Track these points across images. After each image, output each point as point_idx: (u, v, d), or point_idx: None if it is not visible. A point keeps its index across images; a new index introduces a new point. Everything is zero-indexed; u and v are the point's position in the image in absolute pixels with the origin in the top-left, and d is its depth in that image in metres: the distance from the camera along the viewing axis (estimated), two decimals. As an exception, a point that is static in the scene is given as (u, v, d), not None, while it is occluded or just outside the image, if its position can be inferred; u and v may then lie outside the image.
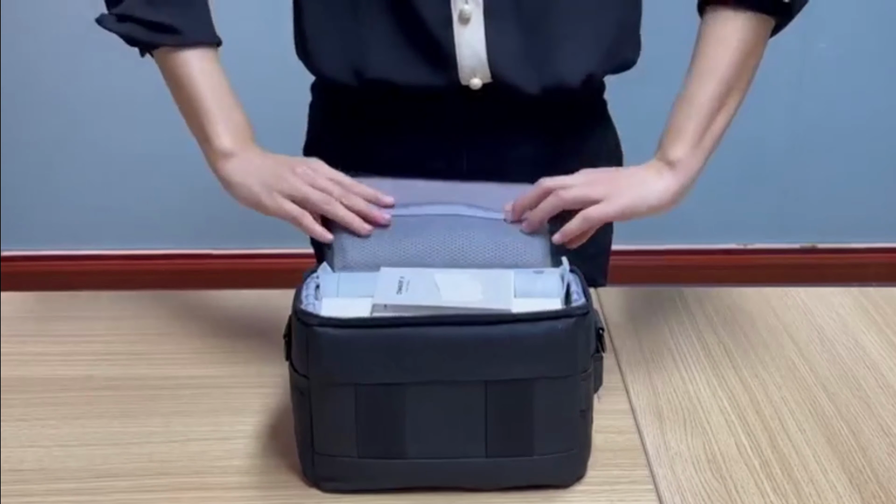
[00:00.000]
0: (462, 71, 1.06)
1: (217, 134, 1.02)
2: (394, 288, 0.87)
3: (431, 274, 0.89)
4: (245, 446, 0.93)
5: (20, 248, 2.62)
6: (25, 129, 2.50)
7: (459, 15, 1.04)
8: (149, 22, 1.03)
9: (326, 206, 0.96)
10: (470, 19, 1.04)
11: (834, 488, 0.87)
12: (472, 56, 1.05)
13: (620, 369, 1.05)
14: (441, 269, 0.90)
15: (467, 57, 1.05)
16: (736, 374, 1.04)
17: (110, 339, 1.12)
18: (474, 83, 1.07)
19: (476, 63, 1.06)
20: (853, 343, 1.11)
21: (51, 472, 0.90)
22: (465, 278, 0.88)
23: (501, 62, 1.06)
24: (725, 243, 2.67)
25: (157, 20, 1.02)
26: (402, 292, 0.86)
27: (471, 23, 1.04)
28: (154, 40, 1.04)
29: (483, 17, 1.04)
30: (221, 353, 1.09)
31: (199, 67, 1.03)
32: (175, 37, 1.02)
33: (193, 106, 1.03)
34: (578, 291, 0.87)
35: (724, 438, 0.94)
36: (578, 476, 0.87)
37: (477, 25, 1.04)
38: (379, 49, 1.06)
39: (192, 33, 1.03)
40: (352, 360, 0.80)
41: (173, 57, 1.03)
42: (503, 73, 1.06)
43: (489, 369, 0.80)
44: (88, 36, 2.40)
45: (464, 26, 1.04)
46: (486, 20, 1.04)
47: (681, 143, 0.99)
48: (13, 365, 1.07)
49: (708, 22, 1.01)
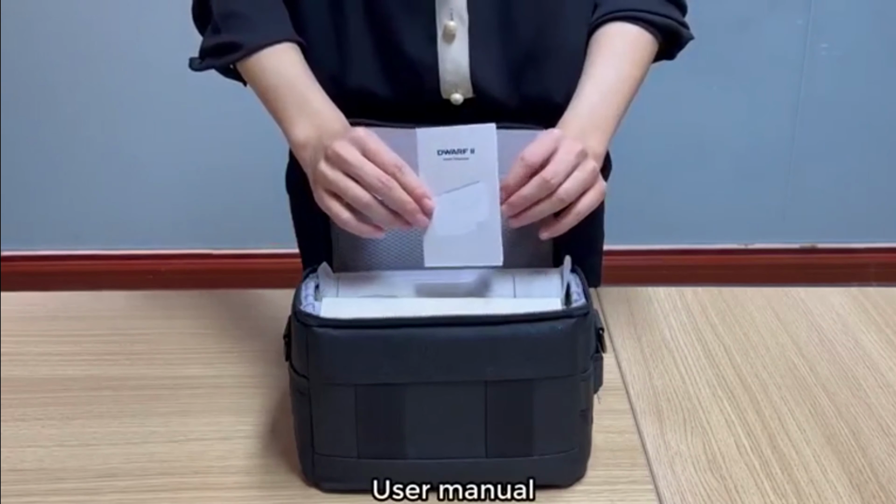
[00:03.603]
0: (444, 86, 1.06)
1: (288, 128, 1.00)
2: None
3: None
4: (245, 446, 0.93)
5: (20, 248, 2.62)
6: (25, 129, 2.50)
7: (444, 31, 1.03)
8: (215, 47, 1.03)
9: (366, 211, 0.88)
10: (455, 36, 1.03)
11: (834, 488, 0.87)
12: (455, 72, 1.05)
13: (620, 369, 1.05)
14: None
15: (450, 72, 1.05)
16: (736, 374, 1.04)
17: (110, 339, 1.12)
18: (455, 98, 1.07)
19: (458, 79, 1.05)
20: (853, 343, 1.11)
21: (51, 472, 0.90)
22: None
23: (484, 78, 1.05)
24: (725, 243, 2.67)
25: (222, 42, 1.03)
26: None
27: (455, 39, 1.04)
28: (225, 62, 1.04)
29: (468, 33, 1.04)
30: (221, 353, 1.09)
31: (264, 67, 1.01)
32: (238, 52, 1.02)
33: (268, 107, 1.02)
34: (578, 291, 0.87)
35: (724, 438, 0.94)
36: (578, 476, 0.87)
37: (461, 42, 1.04)
38: (361, 61, 1.06)
39: (251, 42, 1.02)
40: (352, 360, 0.80)
41: (244, 69, 1.03)
42: (485, 88, 1.06)
43: (489, 369, 0.81)
44: (89, 36, 2.42)
45: (448, 43, 1.04)
46: (471, 37, 1.04)
47: (601, 135, 0.98)
48: (13, 365, 1.07)
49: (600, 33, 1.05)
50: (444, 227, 0.89)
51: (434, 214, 0.88)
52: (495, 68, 1.05)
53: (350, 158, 0.86)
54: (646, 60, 1.05)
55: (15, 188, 2.56)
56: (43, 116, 2.49)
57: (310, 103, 0.99)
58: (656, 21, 1.04)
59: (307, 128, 0.97)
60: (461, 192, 0.88)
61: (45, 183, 2.57)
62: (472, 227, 0.88)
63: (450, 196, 0.88)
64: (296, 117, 0.98)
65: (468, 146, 0.87)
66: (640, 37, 1.04)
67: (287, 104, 0.99)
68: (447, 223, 0.89)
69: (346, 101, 1.06)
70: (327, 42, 1.07)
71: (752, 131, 2.54)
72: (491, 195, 0.88)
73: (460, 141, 0.88)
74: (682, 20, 1.08)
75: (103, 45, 2.42)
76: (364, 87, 1.07)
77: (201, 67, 1.06)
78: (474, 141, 0.87)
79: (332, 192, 0.89)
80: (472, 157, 0.88)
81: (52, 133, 2.51)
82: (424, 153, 0.88)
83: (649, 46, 1.05)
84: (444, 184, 0.88)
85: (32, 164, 2.54)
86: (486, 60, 1.05)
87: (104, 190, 2.57)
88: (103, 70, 2.44)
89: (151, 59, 2.41)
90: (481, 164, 0.88)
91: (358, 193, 0.87)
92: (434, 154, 0.88)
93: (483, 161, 0.87)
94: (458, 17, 1.03)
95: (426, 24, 1.03)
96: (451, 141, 0.88)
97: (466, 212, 0.88)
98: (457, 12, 1.03)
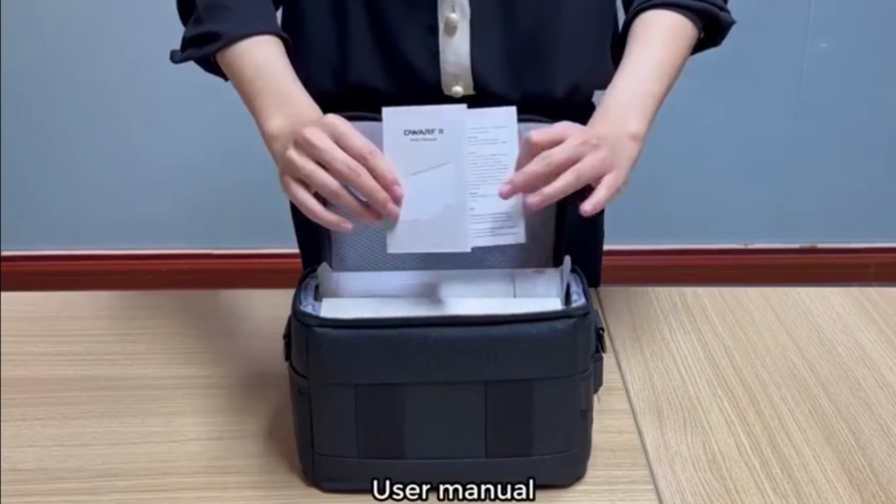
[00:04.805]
0: (445, 79, 1.06)
1: (261, 120, 0.96)
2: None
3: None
4: (245, 446, 0.93)
5: (20, 248, 2.62)
6: (25, 129, 2.50)
7: (445, 23, 1.03)
8: (196, 37, 1.02)
9: (333, 200, 0.86)
10: (456, 28, 1.03)
11: (834, 488, 0.87)
12: (456, 65, 1.05)
13: (620, 369, 1.05)
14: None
15: (451, 65, 1.05)
16: (736, 374, 1.04)
17: (110, 339, 1.12)
18: (456, 91, 1.07)
19: (459, 71, 1.05)
20: (853, 343, 1.11)
21: (51, 472, 0.90)
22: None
23: (485, 72, 1.05)
24: (725, 243, 2.67)
25: (203, 32, 1.01)
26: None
27: (457, 32, 1.04)
28: (205, 53, 1.01)
29: (469, 26, 1.04)
30: (221, 353, 1.09)
31: (242, 59, 0.99)
32: (217, 42, 1.00)
33: (244, 99, 0.99)
34: (578, 291, 0.87)
35: (724, 438, 0.94)
36: (578, 476, 0.87)
37: (463, 35, 1.04)
38: (362, 55, 1.06)
39: (232, 32, 0.99)
40: (352, 360, 0.80)
41: (223, 61, 1.01)
42: (486, 82, 1.06)
43: (489, 369, 0.80)
44: (89, 36, 2.42)
45: (449, 36, 1.04)
46: (472, 30, 1.04)
47: (641, 118, 0.95)
48: (13, 365, 1.07)
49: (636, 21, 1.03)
50: (410, 212, 0.85)
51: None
52: (496, 61, 1.05)
53: (319, 143, 0.83)
54: (684, 47, 1.02)
55: (15, 188, 2.56)
56: (43, 116, 2.49)
57: (284, 95, 0.95)
58: (693, 6, 1.02)
59: (280, 120, 0.93)
60: (428, 174, 0.84)
61: (45, 183, 2.57)
62: (439, 212, 0.85)
63: (416, 179, 0.84)
64: (269, 109, 0.94)
65: (436, 126, 0.84)
66: (678, 23, 1.02)
67: (262, 96, 0.95)
68: (413, 207, 0.84)
69: (347, 95, 1.06)
70: (328, 36, 1.07)
71: (752, 131, 2.54)
72: (459, 178, 0.84)
73: (428, 121, 0.84)
74: (720, 4, 1.05)
75: (103, 45, 2.42)
76: (365, 82, 1.07)
77: (182, 59, 1.03)
78: (443, 122, 0.84)
79: (299, 179, 0.86)
80: (440, 137, 0.84)
81: (52, 133, 2.51)
82: (390, 132, 0.84)
83: (688, 32, 1.02)
84: (411, 165, 0.84)
85: (32, 164, 2.54)
86: (488, 53, 1.05)
87: (104, 190, 2.57)
88: (103, 70, 2.44)
89: (152, 59, 2.39)
90: (450, 146, 0.84)
91: (326, 180, 0.83)
92: (400, 134, 0.84)
93: (452, 142, 0.84)
94: (460, 9, 1.03)
95: (427, 17, 1.03)
96: (419, 121, 0.84)
97: (433, 195, 0.84)
98: (458, 5, 1.03)
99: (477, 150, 0.86)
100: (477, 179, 0.86)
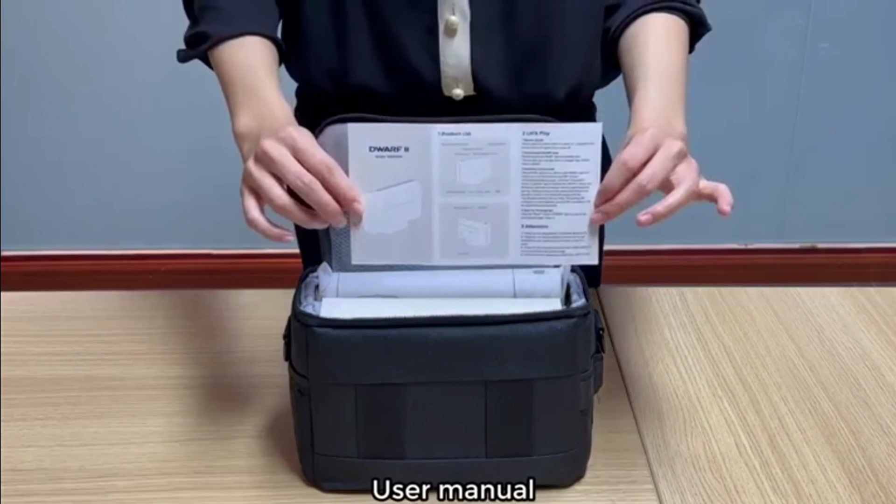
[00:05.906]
0: (445, 81, 1.06)
1: (232, 118, 0.97)
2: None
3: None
4: (245, 446, 0.93)
5: (20, 248, 2.62)
6: (25, 129, 2.50)
7: (445, 26, 1.03)
8: (191, 37, 1.03)
9: (281, 213, 0.86)
10: (456, 30, 1.03)
11: (834, 488, 0.87)
12: (456, 67, 1.05)
13: (620, 369, 1.05)
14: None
15: (451, 67, 1.05)
16: (736, 374, 1.04)
17: (110, 339, 1.12)
18: (456, 94, 1.07)
19: (459, 74, 1.05)
20: (853, 343, 1.11)
21: (51, 472, 0.90)
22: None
23: (485, 74, 1.05)
24: (725, 243, 2.67)
25: (196, 32, 1.02)
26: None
27: (457, 34, 1.04)
28: (197, 53, 1.02)
29: (469, 28, 1.04)
30: (221, 353, 1.09)
31: (224, 58, 0.99)
32: (206, 43, 1.01)
33: (225, 98, 0.99)
34: (578, 292, 0.87)
35: (724, 438, 0.94)
36: (578, 476, 0.87)
37: (463, 37, 1.04)
38: (362, 57, 1.06)
39: (220, 32, 1.00)
40: (352, 360, 0.80)
41: (212, 60, 1.01)
42: (486, 84, 1.06)
43: (489, 369, 0.81)
44: (89, 36, 2.42)
45: (449, 38, 1.04)
46: (473, 32, 1.04)
47: (681, 116, 0.96)
48: (13, 365, 1.07)
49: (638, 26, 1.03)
50: (374, 225, 0.86)
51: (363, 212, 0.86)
52: (497, 64, 1.05)
53: (276, 157, 0.83)
54: (687, 46, 1.04)
55: (15, 188, 2.56)
56: (43, 116, 2.49)
57: (257, 94, 0.94)
58: (688, 10, 1.04)
59: (249, 119, 0.93)
60: (393, 190, 0.85)
61: (45, 183, 2.57)
62: (403, 226, 0.86)
63: (381, 194, 0.85)
64: (240, 107, 0.94)
65: (402, 144, 0.84)
66: (678, 24, 1.03)
67: (236, 94, 0.96)
68: (377, 221, 0.86)
69: (347, 97, 1.06)
70: (328, 38, 1.07)
71: (752, 131, 2.54)
72: (425, 193, 0.85)
73: (394, 139, 0.84)
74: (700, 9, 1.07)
75: (103, 45, 2.42)
76: (364, 84, 1.07)
77: (184, 59, 1.05)
78: (409, 140, 0.84)
79: (253, 189, 0.86)
80: (405, 155, 0.85)
81: (52, 133, 2.51)
82: (355, 149, 0.85)
83: (686, 33, 1.04)
84: (376, 181, 0.85)
85: (32, 164, 2.54)
86: (488, 55, 1.05)
87: (104, 190, 2.57)
88: (103, 70, 2.44)
89: (152, 59, 2.40)
90: (416, 164, 0.85)
91: (276, 194, 0.84)
92: (365, 150, 0.85)
93: (418, 160, 0.85)
94: (460, 11, 1.03)
95: (427, 19, 1.03)
96: (385, 138, 0.84)
97: (397, 210, 0.86)
98: (458, 7, 1.03)
99: (555, 166, 0.85)
100: (553, 196, 0.86)
